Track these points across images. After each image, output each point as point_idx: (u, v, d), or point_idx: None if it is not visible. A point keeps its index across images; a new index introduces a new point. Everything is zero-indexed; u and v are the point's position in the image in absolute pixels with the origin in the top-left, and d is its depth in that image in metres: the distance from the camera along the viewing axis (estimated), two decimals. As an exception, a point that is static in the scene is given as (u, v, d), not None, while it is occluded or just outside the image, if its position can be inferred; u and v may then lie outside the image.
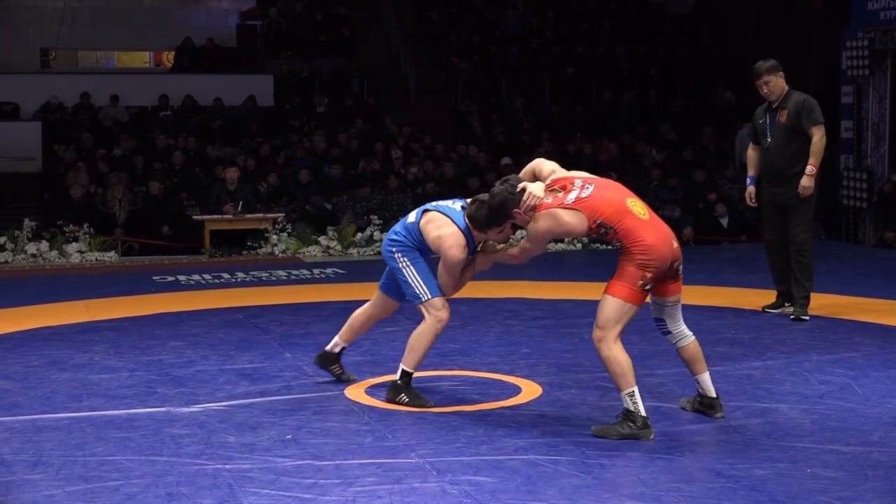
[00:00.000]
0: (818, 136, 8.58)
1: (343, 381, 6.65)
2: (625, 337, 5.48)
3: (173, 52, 22.58)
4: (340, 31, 22.05)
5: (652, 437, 5.41)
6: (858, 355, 7.31)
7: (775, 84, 8.66)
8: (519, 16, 22.27)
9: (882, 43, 14.30)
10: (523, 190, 5.59)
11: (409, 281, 6.11)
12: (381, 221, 14.33)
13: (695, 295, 9.95)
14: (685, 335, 5.76)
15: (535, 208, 5.55)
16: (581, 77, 21.05)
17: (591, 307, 5.91)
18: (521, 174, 5.87)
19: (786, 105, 8.68)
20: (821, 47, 18.65)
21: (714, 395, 5.81)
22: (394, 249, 6.17)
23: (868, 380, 6.62)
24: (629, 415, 5.42)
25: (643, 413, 5.42)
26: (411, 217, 6.24)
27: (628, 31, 22.62)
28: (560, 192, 5.53)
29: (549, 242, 5.79)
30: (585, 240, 7.13)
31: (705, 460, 5.07)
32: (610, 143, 18.28)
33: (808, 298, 8.67)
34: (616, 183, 5.76)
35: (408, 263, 6.12)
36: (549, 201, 5.52)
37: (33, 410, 6.11)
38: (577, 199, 5.46)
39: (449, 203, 6.17)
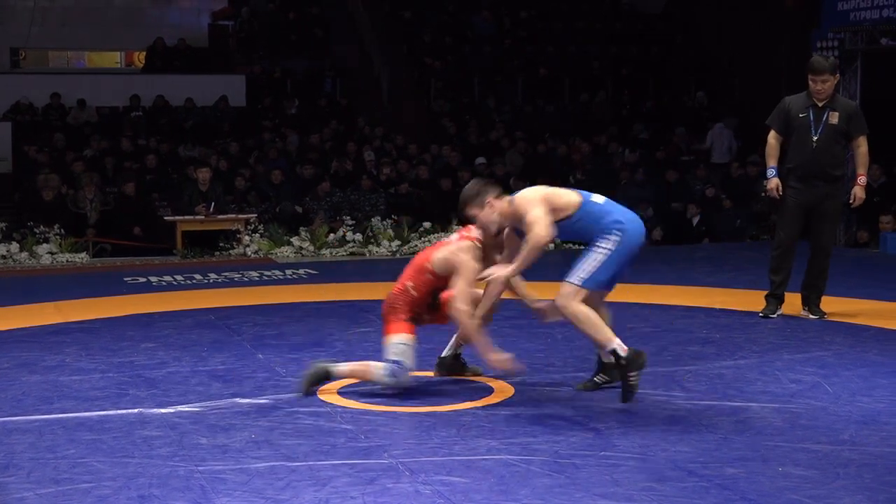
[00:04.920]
0: (866, 146, 8.67)
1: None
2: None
3: (144, 52, 22.50)
4: (313, 30, 22.04)
5: None
6: (829, 354, 7.36)
7: (831, 84, 8.62)
8: (491, 16, 22.29)
9: (852, 43, 14.36)
10: None
11: None
12: (354, 222, 14.31)
13: (666, 294, 10.01)
14: None
15: None
16: (553, 77, 21.10)
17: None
18: None
19: (835, 106, 8.65)
20: (792, 47, 18.72)
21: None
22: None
23: (838, 378, 6.66)
24: None
25: None
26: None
27: (600, 31, 22.68)
28: None
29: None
30: (558, 240, 7.12)
31: (677, 459, 5.08)
32: (583, 142, 18.32)
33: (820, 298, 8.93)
34: None
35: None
36: None
37: (3, 413, 6.06)
38: None
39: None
